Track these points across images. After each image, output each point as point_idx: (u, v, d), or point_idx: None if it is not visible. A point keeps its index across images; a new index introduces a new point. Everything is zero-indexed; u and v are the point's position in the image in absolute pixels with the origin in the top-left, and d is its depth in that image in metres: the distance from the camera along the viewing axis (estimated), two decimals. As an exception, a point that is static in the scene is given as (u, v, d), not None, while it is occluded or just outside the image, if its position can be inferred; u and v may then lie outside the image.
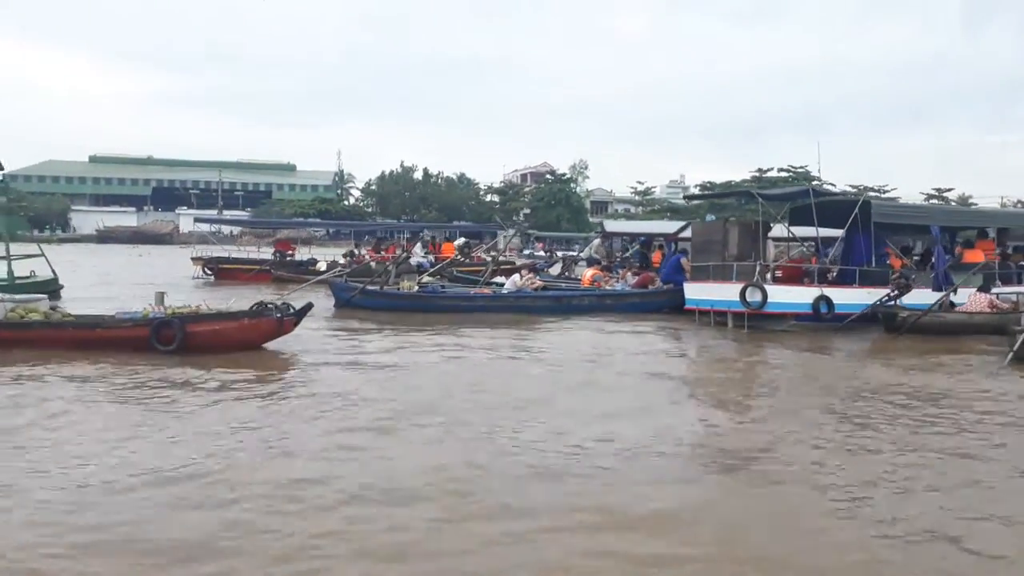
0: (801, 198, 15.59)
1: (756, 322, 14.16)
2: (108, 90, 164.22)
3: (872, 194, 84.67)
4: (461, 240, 23.73)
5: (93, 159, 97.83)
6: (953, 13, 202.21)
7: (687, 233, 20.47)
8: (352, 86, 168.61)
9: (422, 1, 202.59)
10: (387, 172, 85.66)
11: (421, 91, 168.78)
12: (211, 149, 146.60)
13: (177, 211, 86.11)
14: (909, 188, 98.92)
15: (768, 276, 14.74)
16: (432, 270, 18.93)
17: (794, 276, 15.32)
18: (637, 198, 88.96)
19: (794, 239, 18.03)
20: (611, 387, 8.50)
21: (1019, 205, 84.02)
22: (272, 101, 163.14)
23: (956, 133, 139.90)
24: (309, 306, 10.47)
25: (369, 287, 16.78)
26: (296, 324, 10.07)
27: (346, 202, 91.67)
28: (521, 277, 17.28)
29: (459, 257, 21.17)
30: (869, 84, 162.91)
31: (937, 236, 15.53)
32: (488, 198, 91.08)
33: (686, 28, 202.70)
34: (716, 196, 31.09)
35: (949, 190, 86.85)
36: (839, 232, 15.95)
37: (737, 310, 14.27)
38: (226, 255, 25.40)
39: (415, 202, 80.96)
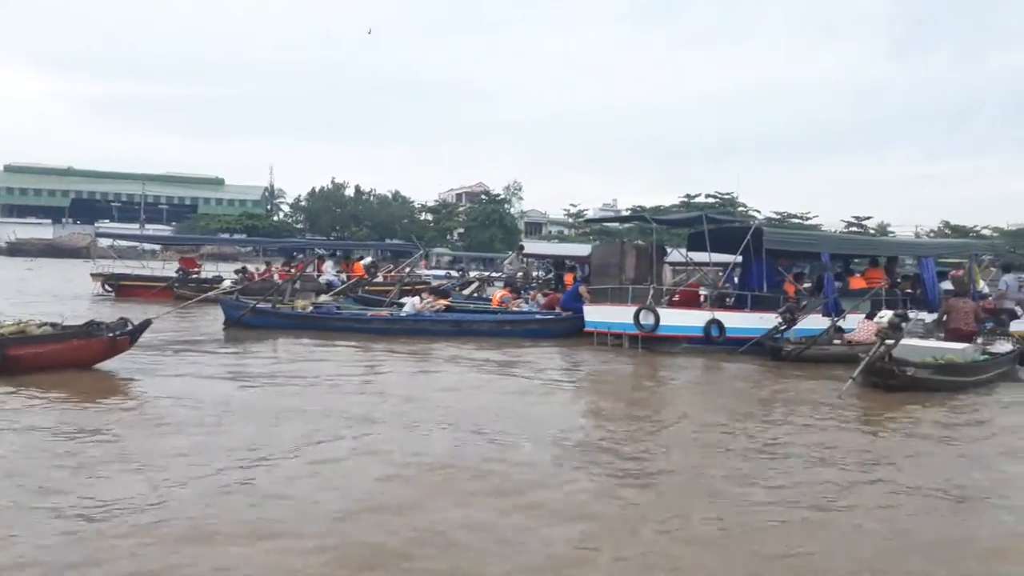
0: (696, 224, 15.83)
1: (650, 345, 14.27)
2: (29, 96, 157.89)
3: (795, 220, 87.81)
4: (368, 259, 23.37)
5: (9, 168, 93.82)
6: (889, 44, 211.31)
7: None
8: (290, 102, 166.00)
9: (373, 20, 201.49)
10: (317, 188, 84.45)
11: (363, 110, 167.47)
12: (138, 161, 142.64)
13: (96, 224, 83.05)
14: (835, 215, 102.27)
15: (663, 299, 14.90)
16: (336, 290, 18.50)
17: (690, 300, 15.53)
18: (570, 220, 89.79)
19: (693, 264, 18.30)
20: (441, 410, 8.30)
21: (931, 234, 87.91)
22: (205, 115, 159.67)
23: (891, 161, 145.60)
24: (147, 323, 10.09)
25: (260, 306, 16.32)
26: (132, 343, 9.73)
27: (275, 218, 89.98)
28: (421, 299, 17.02)
29: (366, 276, 20.81)
30: (809, 112, 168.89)
31: (827, 263, 15.97)
32: (423, 217, 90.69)
33: (631, 54, 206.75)
34: (613, 220, 31.48)
35: (868, 218, 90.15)
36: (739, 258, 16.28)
37: (632, 332, 14.37)
38: (128, 272, 24.40)
39: (346, 219, 79.95)
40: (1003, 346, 12.06)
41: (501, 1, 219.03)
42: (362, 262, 23.24)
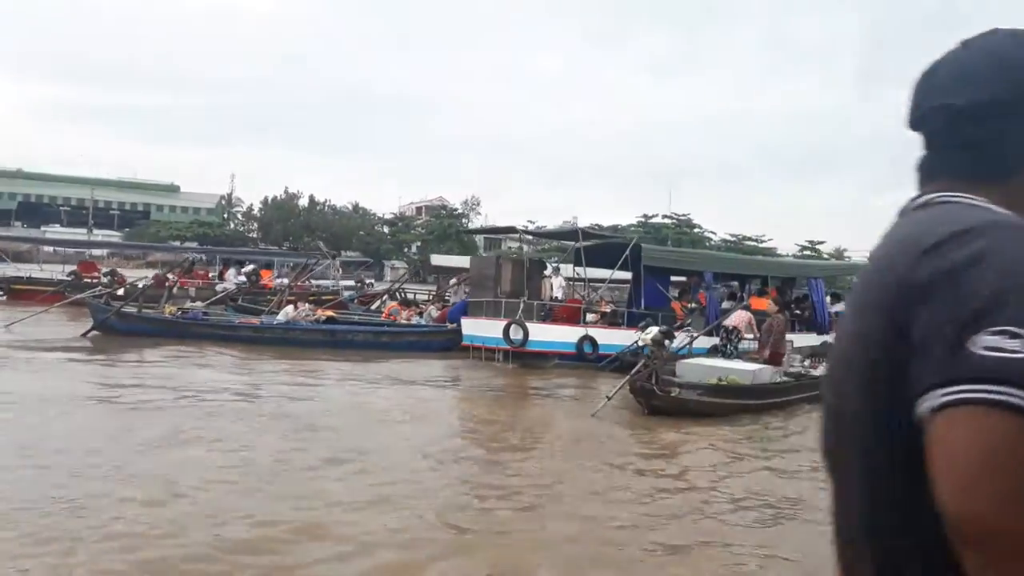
0: (569, 238, 15.57)
1: (523, 360, 13.94)
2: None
3: (750, 243, 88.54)
4: (250, 267, 22.81)
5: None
6: (848, 73, 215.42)
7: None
8: (253, 115, 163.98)
9: (340, 35, 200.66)
10: (270, 197, 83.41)
11: (328, 123, 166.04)
12: (93, 166, 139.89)
13: (43, 228, 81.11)
14: (790, 240, 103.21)
15: (544, 314, 14.59)
16: (216, 298, 17.99)
17: (571, 316, 15.21)
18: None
19: (581, 279, 18.03)
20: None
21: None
22: (164, 123, 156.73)
23: (851, 187, 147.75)
24: None
25: (124, 310, 15.88)
26: None
27: (230, 226, 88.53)
28: (295, 308, 16.54)
29: (246, 283, 20.26)
30: (767, 139, 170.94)
31: (710, 282, 15.78)
32: (380, 228, 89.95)
33: (602, 75, 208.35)
34: (487, 232, 31.25)
35: (821, 242, 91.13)
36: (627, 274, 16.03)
37: (505, 347, 14.02)
38: (20, 275, 23.60)
39: (299, 229, 78.85)
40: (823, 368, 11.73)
41: (466, 20, 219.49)
42: (244, 269, 22.67)
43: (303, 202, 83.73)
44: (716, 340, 14.10)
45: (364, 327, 16.78)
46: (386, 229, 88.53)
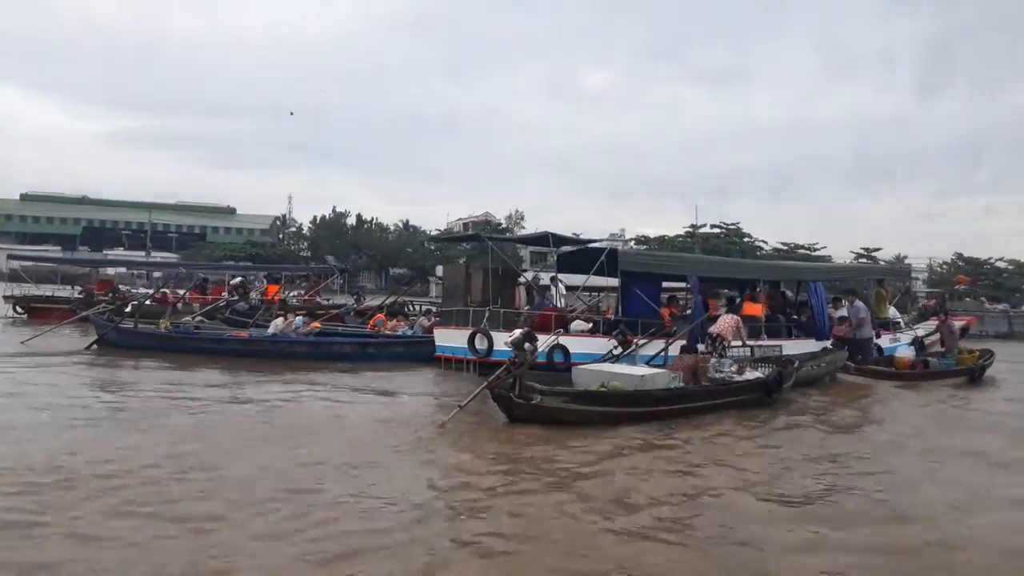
0: (542, 244, 15.09)
1: (491, 370, 13.50)
2: (48, 127, 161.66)
3: (803, 252, 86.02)
4: (237, 280, 22.98)
5: (25, 197, 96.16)
6: (907, 80, 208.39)
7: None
8: (315, 136, 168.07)
9: (394, 60, 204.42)
10: (319, 217, 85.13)
11: (384, 143, 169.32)
12: (155, 192, 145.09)
13: (105, 252, 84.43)
14: (844, 248, 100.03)
15: (520, 323, 14.15)
16: (204, 310, 18.14)
17: (545, 325, 14.69)
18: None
19: (571, 287, 17.53)
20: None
21: (944, 267, 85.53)
22: (227, 147, 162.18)
23: (909, 196, 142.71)
24: None
25: (122, 325, 16.30)
26: None
27: (290, 247, 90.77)
28: (284, 320, 16.51)
29: (234, 297, 20.38)
30: (829, 147, 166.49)
31: (696, 286, 15.07)
32: (429, 245, 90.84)
33: (652, 89, 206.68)
34: (454, 239, 30.76)
35: (878, 249, 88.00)
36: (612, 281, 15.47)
37: (472, 357, 13.64)
38: (42, 294, 24.35)
39: (346, 248, 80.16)
40: (751, 373, 10.88)
41: (515, 39, 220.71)
42: (232, 282, 22.85)
43: (351, 221, 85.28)
44: (701, 346, 13.48)
45: (350, 338, 16.67)
46: (432, 246, 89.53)
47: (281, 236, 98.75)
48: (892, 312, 18.00)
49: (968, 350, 17.27)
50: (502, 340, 13.37)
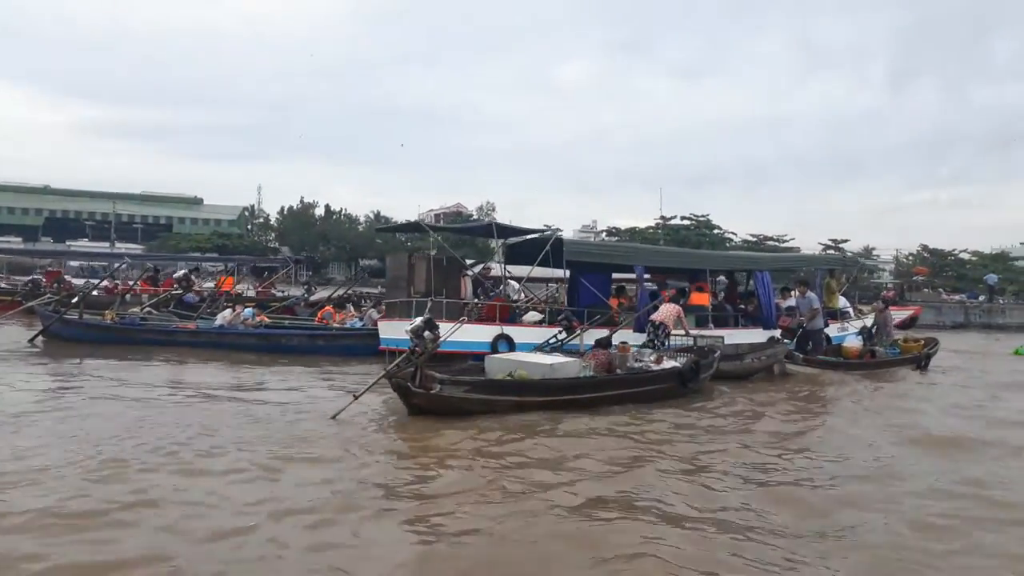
0: (484, 234, 15.01)
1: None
2: (9, 116, 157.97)
3: (771, 243, 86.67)
4: (181, 272, 22.66)
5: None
6: (880, 73, 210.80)
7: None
8: (280, 128, 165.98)
9: (368, 52, 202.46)
10: (287, 207, 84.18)
11: (357, 135, 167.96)
12: (120, 182, 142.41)
13: (68, 243, 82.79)
14: (813, 239, 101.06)
15: (472, 314, 14.07)
16: (149, 302, 17.85)
17: (490, 315, 14.62)
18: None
19: (515, 278, 17.45)
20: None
21: (910, 258, 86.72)
22: (195, 137, 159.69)
23: (882, 189, 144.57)
24: None
25: (67, 316, 16.04)
26: None
27: (254, 238, 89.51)
28: (232, 312, 16.29)
29: (177, 289, 20.08)
30: (804, 140, 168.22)
31: (640, 276, 15.09)
32: (400, 237, 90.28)
33: (627, 82, 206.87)
34: (394, 229, 30.61)
35: (845, 241, 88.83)
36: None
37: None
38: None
39: (314, 238, 79.34)
40: (668, 363, 10.84)
41: (490, 33, 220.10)
42: (176, 274, 22.53)
43: (319, 212, 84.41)
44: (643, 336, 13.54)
45: (298, 331, 16.48)
46: (403, 237, 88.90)
47: (249, 227, 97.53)
48: (842, 302, 18.16)
49: (914, 339, 17.55)
50: (446, 331, 13.30)
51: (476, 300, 15.01)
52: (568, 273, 15.80)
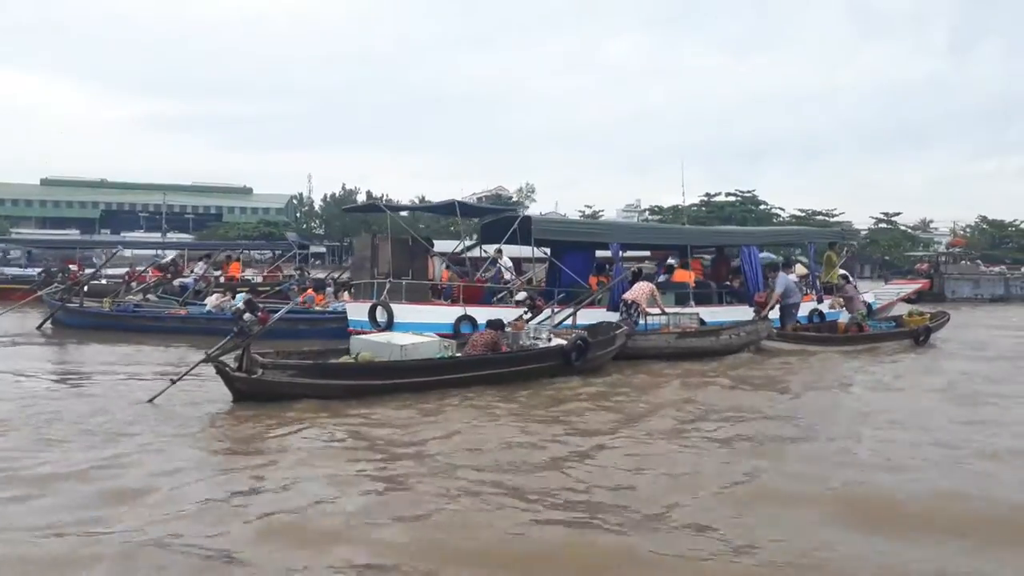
0: (448, 212, 14.73)
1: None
2: (69, 112, 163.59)
3: (820, 218, 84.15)
4: (168, 258, 22.93)
5: (45, 182, 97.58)
6: (942, 37, 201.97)
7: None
8: (328, 116, 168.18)
9: (416, 36, 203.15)
10: (329, 195, 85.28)
11: (404, 121, 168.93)
12: (175, 174, 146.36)
13: (123, 234, 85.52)
14: (866, 213, 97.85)
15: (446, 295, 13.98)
16: (138, 288, 18.23)
17: (474, 296, 14.25)
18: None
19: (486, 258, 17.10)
20: None
21: (967, 230, 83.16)
22: (246, 127, 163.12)
23: (944, 157, 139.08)
24: None
25: (69, 304, 16.54)
26: None
27: (303, 226, 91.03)
28: (220, 298, 16.46)
29: (168, 276, 20.33)
30: (862, 110, 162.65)
31: (617, 254, 14.63)
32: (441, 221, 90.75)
33: (676, 58, 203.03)
34: (357, 210, 30.14)
35: (897, 214, 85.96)
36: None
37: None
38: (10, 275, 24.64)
39: (356, 225, 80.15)
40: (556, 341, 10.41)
41: (534, 14, 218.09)
42: (162, 261, 22.82)
43: (361, 198, 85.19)
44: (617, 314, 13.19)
45: (287, 315, 16.50)
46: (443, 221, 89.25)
47: (298, 215, 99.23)
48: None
49: (920, 312, 16.76)
50: (404, 312, 13.16)
51: (449, 283, 14.80)
52: (548, 252, 15.41)
